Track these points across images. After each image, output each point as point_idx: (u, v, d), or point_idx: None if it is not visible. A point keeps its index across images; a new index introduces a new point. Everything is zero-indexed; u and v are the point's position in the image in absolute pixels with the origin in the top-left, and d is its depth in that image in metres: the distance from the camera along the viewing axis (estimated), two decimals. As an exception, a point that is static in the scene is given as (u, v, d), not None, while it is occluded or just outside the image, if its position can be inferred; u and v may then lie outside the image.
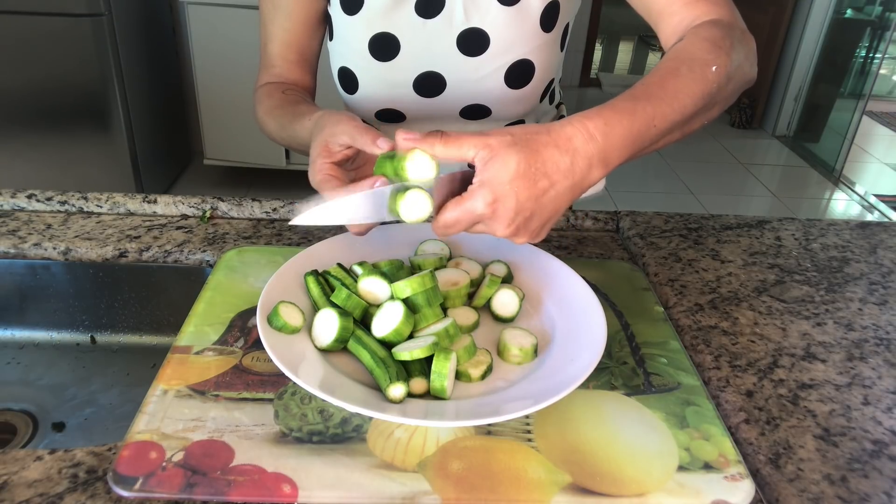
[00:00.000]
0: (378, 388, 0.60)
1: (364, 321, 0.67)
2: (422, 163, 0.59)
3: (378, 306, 0.66)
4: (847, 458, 0.59)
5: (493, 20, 0.80)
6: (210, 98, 2.89)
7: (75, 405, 0.81)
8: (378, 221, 0.62)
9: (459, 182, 0.61)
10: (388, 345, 0.63)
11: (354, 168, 0.70)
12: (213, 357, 0.65)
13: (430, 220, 0.61)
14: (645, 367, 0.68)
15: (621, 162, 0.61)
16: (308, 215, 0.60)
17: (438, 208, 0.60)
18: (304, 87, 0.92)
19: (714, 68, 0.64)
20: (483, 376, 0.63)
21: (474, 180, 0.57)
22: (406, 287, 0.64)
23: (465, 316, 0.69)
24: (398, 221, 0.61)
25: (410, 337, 0.64)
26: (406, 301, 0.64)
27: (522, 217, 0.57)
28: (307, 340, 0.65)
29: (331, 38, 0.88)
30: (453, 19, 0.81)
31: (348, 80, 0.87)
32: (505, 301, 0.70)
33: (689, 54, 0.66)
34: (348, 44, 0.85)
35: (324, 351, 0.64)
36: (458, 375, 0.62)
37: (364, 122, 0.96)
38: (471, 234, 0.61)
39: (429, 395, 0.61)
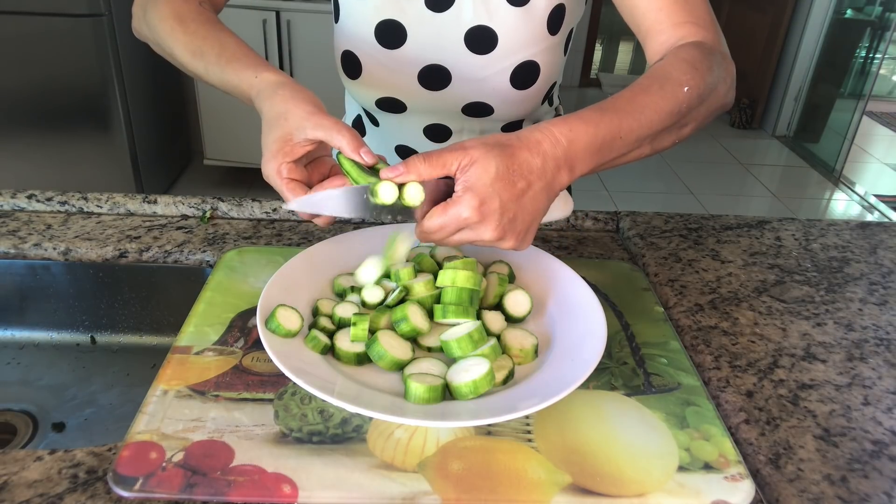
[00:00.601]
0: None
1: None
2: (413, 191, 0.60)
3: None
4: (847, 458, 0.59)
5: (502, 20, 0.80)
6: (210, 98, 2.89)
7: (75, 405, 0.81)
8: (367, 216, 0.63)
9: (442, 189, 0.61)
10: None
11: (309, 161, 0.67)
12: (213, 357, 0.65)
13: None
14: (645, 368, 0.68)
15: (588, 169, 0.63)
16: (300, 202, 0.62)
17: (421, 215, 0.61)
18: (215, 5, 0.82)
19: (686, 89, 0.66)
20: (505, 381, 0.62)
21: (457, 187, 0.58)
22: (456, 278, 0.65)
23: (492, 319, 0.68)
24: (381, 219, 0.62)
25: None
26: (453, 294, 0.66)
27: (507, 218, 0.58)
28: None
29: (336, 20, 0.87)
30: (462, 15, 0.81)
31: (352, 64, 0.87)
32: (519, 300, 0.70)
33: (664, 73, 0.68)
34: (354, 27, 0.84)
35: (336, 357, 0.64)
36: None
37: (364, 110, 0.96)
38: (453, 244, 0.61)
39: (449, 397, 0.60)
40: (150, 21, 0.76)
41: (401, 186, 0.60)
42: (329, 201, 0.61)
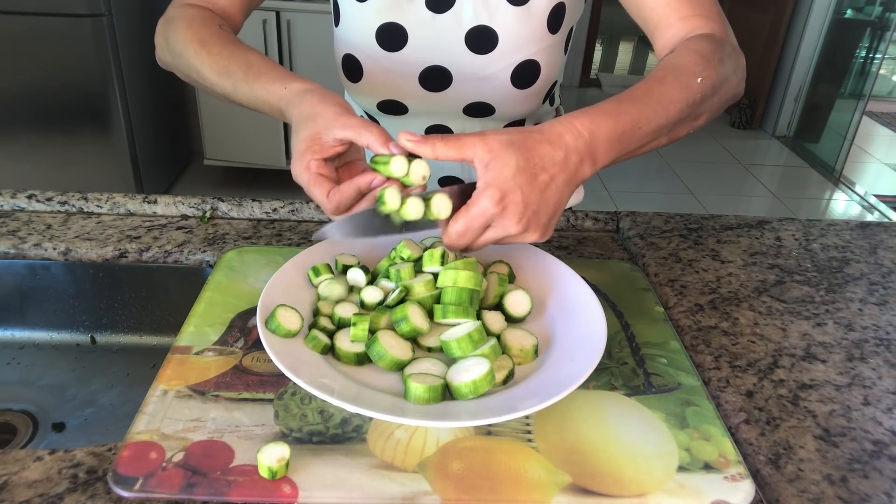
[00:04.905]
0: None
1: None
2: (440, 203, 0.61)
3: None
4: (847, 458, 0.59)
5: (502, 19, 0.80)
6: (210, 98, 2.89)
7: (75, 405, 0.81)
8: (391, 234, 0.63)
9: (458, 196, 0.62)
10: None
11: (342, 164, 0.68)
12: (213, 357, 0.65)
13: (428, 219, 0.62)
14: (645, 368, 0.68)
15: (609, 160, 0.63)
16: (327, 231, 0.63)
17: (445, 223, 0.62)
18: (233, 25, 0.84)
19: (700, 79, 0.67)
20: (505, 381, 0.62)
21: (478, 184, 0.59)
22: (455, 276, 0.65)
23: (492, 319, 0.68)
24: (406, 226, 0.63)
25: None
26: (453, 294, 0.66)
27: (531, 210, 0.59)
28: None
29: (336, 24, 0.88)
30: (463, 16, 0.81)
31: (353, 68, 0.87)
32: (519, 300, 0.70)
33: (677, 65, 0.69)
34: (355, 31, 0.84)
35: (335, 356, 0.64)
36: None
37: (365, 112, 0.96)
38: (481, 245, 0.61)
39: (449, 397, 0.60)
40: (174, 48, 0.77)
41: (427, 202, 0.61)
42: (353, 225, 0.63)
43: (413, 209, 0.61)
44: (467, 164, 0.61)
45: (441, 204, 0.61)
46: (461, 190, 0.62)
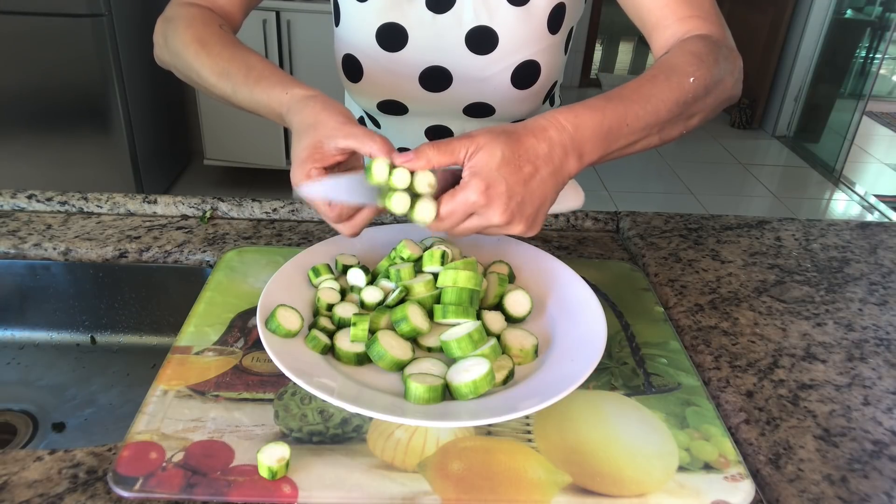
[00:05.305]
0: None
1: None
2: (423, 178, 0.61)
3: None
4: (847, 458, 0.59)
5: (502, 19, 0.80)
6: (210, 98, 2.88)
7: (75, 405, 0.81)
8: (374, 206, 0.63)
9: (449, 179, 0.62)
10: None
11: (342, 171, 0.67)
12: (213, 357, 0.65)
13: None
14: (645, 368, 0.68)
15: (596, 156, 0.63)
16: (305, 187, 0.61)
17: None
18: (233, 24, 0.84)
19: (692, 79, 0.67)
20: (505, 381, 0.62)
21: (464, 173, 0.59)
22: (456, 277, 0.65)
23: (492, 319, 0.68)
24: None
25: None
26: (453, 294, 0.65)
27: (515, 202, 0.59)
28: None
29: (336, 24, 0.88)
30: (463, 16, 0.81)
31: (353, 68, 0.87)
32: (519, 300, 0.70)
33: (671, 64, 0.68)
34: (355, 31, 0.84)
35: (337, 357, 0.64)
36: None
37: (365, 112, 0.96)
38: (464, 232, 0.61)
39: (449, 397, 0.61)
40: (173, 47, 0.77)
41: (412, 175, 0.60)
42: (339, 187, 0.61)
43: (399, 179, 0.60)
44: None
45: (424, 176, 0.60)
46: (452, 171, 0.62)
